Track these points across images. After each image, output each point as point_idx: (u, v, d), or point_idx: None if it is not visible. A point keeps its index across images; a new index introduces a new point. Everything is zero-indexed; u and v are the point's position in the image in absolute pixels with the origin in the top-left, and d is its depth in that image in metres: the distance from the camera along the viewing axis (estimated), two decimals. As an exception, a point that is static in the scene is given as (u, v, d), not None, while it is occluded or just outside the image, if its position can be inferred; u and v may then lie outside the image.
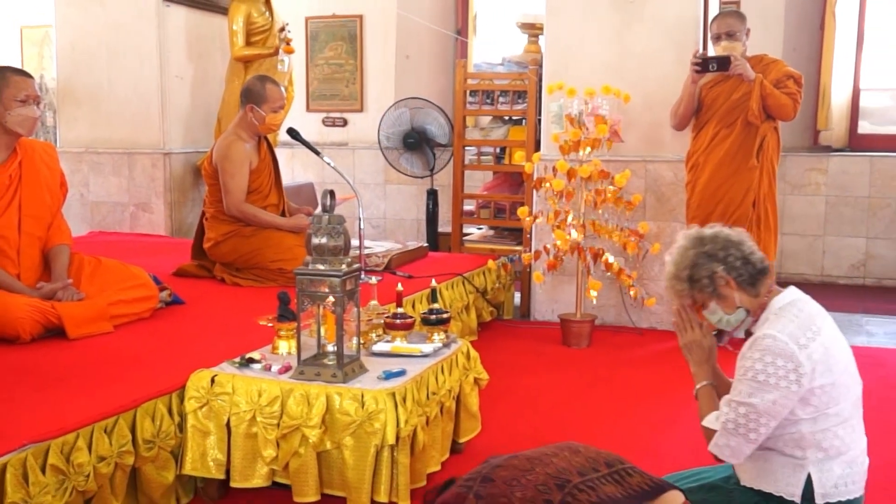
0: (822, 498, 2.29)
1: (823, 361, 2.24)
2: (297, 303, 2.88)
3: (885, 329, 5.52)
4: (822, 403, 2.27)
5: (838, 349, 2.35)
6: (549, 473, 2.03)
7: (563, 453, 2.13)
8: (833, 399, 2.28)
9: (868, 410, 3.85)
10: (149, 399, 2.84)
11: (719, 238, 2.40)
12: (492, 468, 2.12)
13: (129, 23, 6.47)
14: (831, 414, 2.29)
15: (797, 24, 7.25)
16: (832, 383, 2.27)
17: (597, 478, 2.03)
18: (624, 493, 1.97)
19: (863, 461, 2.39)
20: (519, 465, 2.09)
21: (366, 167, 8.03)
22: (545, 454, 2.13)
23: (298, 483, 2.82)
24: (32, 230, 3.74)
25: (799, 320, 2.28)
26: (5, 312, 3.42)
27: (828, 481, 2.29)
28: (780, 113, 4.74)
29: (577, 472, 2.04)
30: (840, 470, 2.31)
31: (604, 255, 5.04)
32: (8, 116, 3.58)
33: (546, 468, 2.05)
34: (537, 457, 2.12)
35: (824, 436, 2.29)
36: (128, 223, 6.63)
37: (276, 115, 4.72)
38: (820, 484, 2.29)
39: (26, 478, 2.38)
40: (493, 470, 2.10)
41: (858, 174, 7.07)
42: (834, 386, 2.28)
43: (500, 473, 2.08)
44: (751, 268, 2.37)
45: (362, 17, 7.96)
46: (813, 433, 2.28)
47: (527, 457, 2.13)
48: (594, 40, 5.34)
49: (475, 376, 3.43)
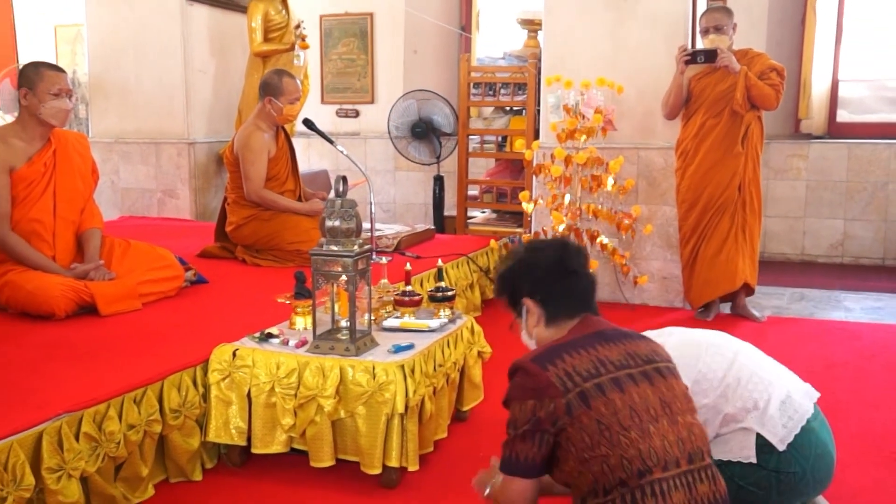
0: (782, 443, 2.31)
1: (678, 361, 2.24)
2: (312, 281, 2.87)
3: (862, 305, 5.50)
4: (712, 384, 2.35)
5: (691, 344, 2.44)
6: (641, 450, 1.78)
7: (662, 421, 1.84)
8: (717, 374, 2.36)
9: (844, 381, 3.88)
10: (175, 371, 2.84)
11: None
12: (595, 386, 1.82)
13: (155, 21, 6.45)
14: (731, 383, 2.35)
15: (780, 19, 7.22)
16: (704, 367, 2.36)
17: (674, 476, 1.80)
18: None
19: (791, 389, 2.41)
20: (620, 413, 1.80)
21: (377, 155, 8.01)
22: (647, 413, 1.83)
23: (315, 449, 2.82)
24: (66, 215, 3.74)
25: None
26: (42, 291, 3.43)
27: (774, 428, 2.31)
28: (764, 103, 4.71)
29: (662, 464, 1.79)
30: (778, 412, 2.33)
31: (599, 236, 5.02)
32: (42, 109, 3.57)
33: (641, 437, 1.79)
34: (640, 410, 1.82)
35: (744, 400, 2.33)
36: (155, 208, 6.63)
37: (292, 107, 4.70)
38: (770, 434, 2.31)
39: (61, 445, 2.39)
40: (595, 392, 1.81)
41: (837, 160, 7.05)
42: (708, 367, 2.36)
43: (599, 406, 1.80)
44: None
45: (373, 14, 7.94)
46: (734, 405, 2.34)
47: (631, 406, 1.82)
48: (589, 35, 5.31)
49: (479, 350, 3.43)
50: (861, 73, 7.28)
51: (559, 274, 2.06)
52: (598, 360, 1.88)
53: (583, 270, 2.09)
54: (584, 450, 1.80)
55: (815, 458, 2.34)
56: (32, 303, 3.44)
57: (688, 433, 1.87)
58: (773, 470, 2.31)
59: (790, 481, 2.33)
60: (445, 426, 3.13)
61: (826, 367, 4.12)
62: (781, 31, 7.22)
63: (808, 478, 2.35)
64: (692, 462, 1.84)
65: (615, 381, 1.85)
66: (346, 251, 2.79)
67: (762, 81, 4.67)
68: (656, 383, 1.89)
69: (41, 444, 2.34)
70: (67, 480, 2.37)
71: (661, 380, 1.90)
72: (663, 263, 5.31)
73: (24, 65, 3.70)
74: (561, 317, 2.04)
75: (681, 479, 1.81)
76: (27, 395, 2.55)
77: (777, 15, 7.19)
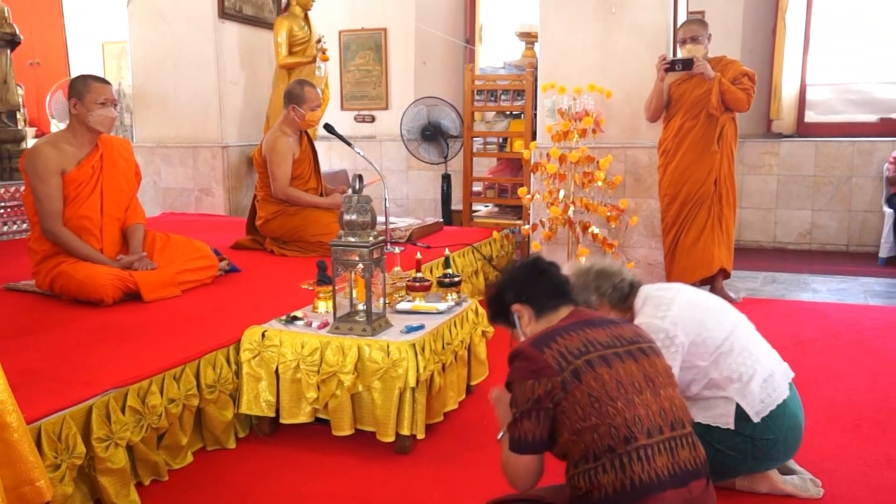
0: (757, 416, 2.32)
1: (685, 319, 2.34)
2: (332, 269, 2.86)
3: (828, 287, 5.47)
4: (708, 349, 2.34)
5: (698, 305, 2.42)
6: (627, 419, 1.77)
7: (646, 393, 1.83)
8: (715, 341, 2.34)
9: (812, 357, 3.86)
10: (210, 351, 2.84)
11: (592, 271, 2.51)
12: (585, 363, 1.81)
13: (191, 38, 6.43)
14: (724, 352, 2.34)
15: (753, 28, 7.18)
16: (705, 332, 2.34)
17: (658, 443, 1.79)
18: (670, 469, 1.77)
19: (774, 369, 2.40)
20: (608, 385, 1.79)
21: (391, 156, 8.00)
22: (632, 385, 1.82)
23: (336, 419, 2.82)
24: (112, 212, 3.73)
25: (651, 305, 2.40)
26: (92, 280, 3.44)
27: (753, 401, 2.32)
28: (737, 106, 4.67)
29: (646, 431, 1.78)
30: (759, 388, 2.33)
31: (590, 227, 5.00)
32: (90, 116, 3.56)
33: (627, 407, 1.78)
34: (626, 383, 1.81)
35: (731, 370, 2.33)
36: (193, 205, 6.63)
37: (314, 113, 4.68)
38: (748, 406, 2.32)
39: (109, 417, 2.40)
40: (585, 368, 1.81)
41: (805, 157, 7.03)
42: (709, 332, 2.35)
43: (590, 380, 1.79)
44: (619, 293, 2.47)
45: (386, 29, 7.91)
46: (720, 373, 2.33)
47: (618, 379, 1.81)
48: (581, 46, 5.27)
49: (483, 329, 3.42)
50: (827, 77, 7.25)
51: (534, 274, 2.08)
52: (587, 340, 1.87)
53: (554, 270, 2.10)
54: (577, 421, 1.78)
55: (787, 429, 2.35)
56: (83, 290, 3.45)
57: (669, 404, 1.85)
58: (749, 437, 2.31)
59: (764, 447, 2.33)
60: (456, 399, 3.12)
61: (795, 343, 4.10)
62: (754, 39, 7.19)
63: (780, 445, 2.35)
64: (674, 430, 1.82)
65: (603, 358, 1.84)
66: (362, 242, 2.78)
67: (735, 86, 4.63)
68: (640, 361, 1.87)
69: (91, 416, 2.35)
70: (115, 449, 2.38)
71: (644, 358, 1.89)
72: (648, 251, 5.28)
73: (73, 78, 3.69)
74: (547, 308, 2.03)
75: (663, 445, 1.79)
76: (78, 373, 2.56)
77: (751, 25, 7.16)
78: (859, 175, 6.89)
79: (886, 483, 2.53)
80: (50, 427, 2.22)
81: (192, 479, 2.64)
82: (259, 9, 6.78)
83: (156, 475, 2.59)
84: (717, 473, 2.35)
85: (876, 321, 4.49)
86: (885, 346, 4.00)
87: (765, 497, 2.42)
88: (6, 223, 5.59)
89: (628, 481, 1.73)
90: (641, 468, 1.74)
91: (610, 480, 1.74)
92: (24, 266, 3.93)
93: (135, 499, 2.43)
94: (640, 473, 1.74)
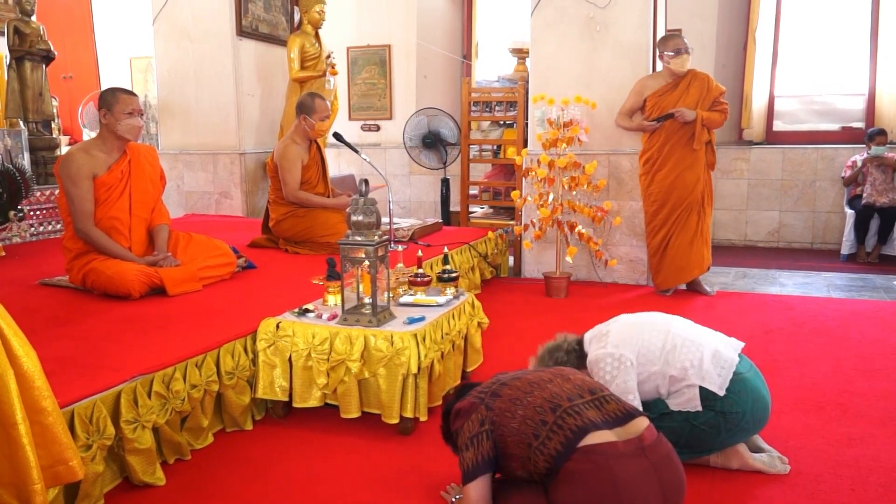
0: (720, 389, 2.36)
1: (624, 339, 2.42)
2: (341, 266, 2.86)
3: (794, 281, 5.47)
4: (655, 354, 2.39)
5: (632, 325, 2.50)
6: (545, 397, 1.94)
7: (556, 380, 2.02)
8: (657, 345, 2.40)
9: (779, 344, 3.86)
10: (229, 341, 2.84)
11: (545, 352, 2.60)
12: (500, 385, 2.04)
13: (212, 54, 6.42)
14: (669, 349, 2.39)
15: (726, 45, 7.18)
16: (646, 342, 2.41)
17: (582, 403, 1.93)
18: (602, 417, 1.87)
19: (717, 345, 2.43)
20: (521, 387, 2.00)
21: (394, 162, 7.99)
22: (542, 380, 2.03)
23: (344, 403, 2.82)
24: (140, 213, 3.73)
25: (595, 341, 2.51)
26: (120, 276, 3.43)
27: (712, 379, 2.36)
28: (715, 127, 4.84)
29: (566, 398, 1.93)
30: (711, 365, 2.37)
31: (577, 226, 5.00)
32: (118, 126, 3.56)
33: (542, 392, 1.96)
34: (536, 381, 2.02)
35: (682, 362, 2.37)
36: (213, 207, 6.62)
37: (323, 123, 4.67)
38: (710, 384, 2.36)
39: (136, 402, 2.39)
40: (501, 387, 2.03)
41: (773, 162, 7.04)
42: (649, 341, 2.41)
43: (506, 392, 2.00)
44: (574, 354, 2.56)
45: (390, 46, 7.91)
46: (675, 368, 2.37)
47: (528, 380, 2.03)
48: (568, 61, 5.27)
49: (478, 321, 3.41)
50: (794, 89, 7.25)
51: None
52: (495, 380, 2.10)
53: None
54: (510, 421, 1.94)
55: (752, 401, 2.37)
56: (112, 285, 3.44)
57: (581, 382, 2.02)
58: (719, 412, 2.34)
59: (734, 420, 2.35)
60: (452, 384, 3.11)
61: (764, 332, 4.10)
62: (727, 54, 7.18)
63: (748, 418, 2.37)
64: (594, 394, 1.98)
65: (512, 376, 2.07)
66: (368, 241, 2.78)
67: (714, 108, 4.76)
68: (549, 373, 2.09)
69: (120, 400, 2.34)
70: (142, 430, 2.38)
71: (554, 372, 2.10)
72: (630, 249, 5.28)
73: (103, 90, 3.68)
74: None
75: (589, 404, 1.94)
76: (108, 361, 2.55)
77: (723, 41, 7.16)
78: (823, 179, 6.90)
79: (847, 459, 2.53)
80: (82, 411, 2.21)
81: (212, 458, 2.63)
82: (274, 27, 6.77)
83: (179, 454, 2.59)
84: (695, 448, 2.39)
85: (838, 312, 4.50)
86: (846, 335, 4.01)
87: (736, 473, 2.42)
88: (42, 224, 5.58)
89: (569, 432, 1.86)
90: (574, 421, 1.88)
91: (556, 441, 1.86)
92: (58, 263, 3.94)
93: (160, 476, 2.42)
94: (575, 423, 1.87)
